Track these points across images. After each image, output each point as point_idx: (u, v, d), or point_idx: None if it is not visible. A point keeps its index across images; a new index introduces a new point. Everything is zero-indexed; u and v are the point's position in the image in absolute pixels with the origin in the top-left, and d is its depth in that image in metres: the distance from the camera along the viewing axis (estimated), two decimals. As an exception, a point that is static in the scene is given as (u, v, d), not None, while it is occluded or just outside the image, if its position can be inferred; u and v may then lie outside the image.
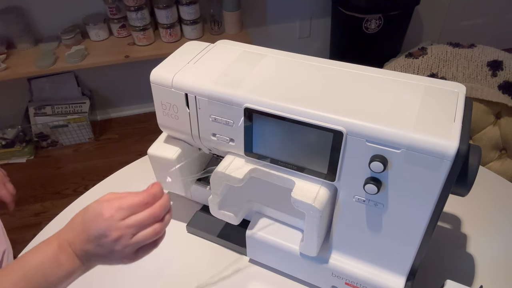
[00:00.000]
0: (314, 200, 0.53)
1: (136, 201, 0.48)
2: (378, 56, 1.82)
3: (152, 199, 0.49)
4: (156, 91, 0.61)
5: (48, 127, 1.95)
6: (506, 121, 1.11)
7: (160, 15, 1.76)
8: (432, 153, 0.45)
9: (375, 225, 0.55)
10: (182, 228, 0.78)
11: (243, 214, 0.67)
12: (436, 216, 0.50)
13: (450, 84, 0.53)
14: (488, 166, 1.16)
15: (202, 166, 0.79)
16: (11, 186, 0.78)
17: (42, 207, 1.73)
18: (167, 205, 0.51)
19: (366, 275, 0.59)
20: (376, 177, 0.50)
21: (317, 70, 0.57)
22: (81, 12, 1.82)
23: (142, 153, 0.79)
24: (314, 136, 0.51)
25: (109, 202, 0.48)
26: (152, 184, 0.51)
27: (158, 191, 0.50)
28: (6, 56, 1.73)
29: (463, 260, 0.71)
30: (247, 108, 0.53)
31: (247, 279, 0.70)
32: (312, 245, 0.59)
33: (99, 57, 1.76)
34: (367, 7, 1.82)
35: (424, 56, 1.28)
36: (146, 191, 0.49)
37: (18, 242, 1.53)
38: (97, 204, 0.48)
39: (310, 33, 2.18)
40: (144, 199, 0.48)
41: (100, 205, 0.48)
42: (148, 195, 0.49)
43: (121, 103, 2.17)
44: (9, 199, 0.76)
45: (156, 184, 0.51)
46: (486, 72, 1.21)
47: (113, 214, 0.46)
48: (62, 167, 1.91)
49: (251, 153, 0.58)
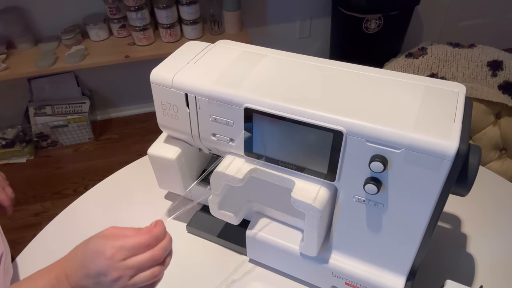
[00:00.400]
0: (314, 200, 0.53)
1: (139, 243, 0.47)
2: (378, 56, 1.82)
3: (155, 241, 0.48)
4: (156, 91, 0.61)
5: (48, 127, 1.95)
6: (506, 121, 1.11)
7: (160, 15, 1.76)
8: (432, 153, 0.45)
9: (375, 225, 0.55)
10: (182, 228, 0.78)
11: (243, 214, 0.67)
12: (436, 216, 0.50)
13: (450, 84, 0.53)
14: (488, 166, 1.16)
15: (202, 166, 0.79)
16: (10, 190, 0.78)
17: (42, 207, 1.73)
18: (169, 248, 0.50)
19: (366, 275, 0.59)
20: (376, 177, 0.50)
21: (317, 70, 0.57)
22: (81, 12, 1.82)
23: (142, 153, 0.79)
24: (314, 136, 0.51)
25: (112, 240, 0.47)
26: (155, 223, 0.50)
27: (161, 232, 0.49)
28: (6, 56, 1.73)
29: (463, 260, 0.71)
30: (247, 108, 0.53)
31: (247, 279, 0.70)
32: (312, 245, 0.59)
33: (99, 57, 1.76)
34: (367, 7, 1.82)
35: (424, 56, 1.28)
36: (149, 232, 0.49)
37: (18, 242, 1.53)
38: (100, 240, 0.48)
39: (310, 33, 2.18)
40: (146, 241, 0.48)
41: (103, 242, 0.47)
42: (151, 237, 0.48)
43: (121, 103, 2.17)
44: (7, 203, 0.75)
45: (160, 223, 0.50)
46: (486, 72, 1.21)
47: (114, 254, 0.46)
48: (62, 167, 1.91)
49: (251, 153, 0.58)
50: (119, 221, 0.80)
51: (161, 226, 0.50)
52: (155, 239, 0.49)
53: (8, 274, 0.68)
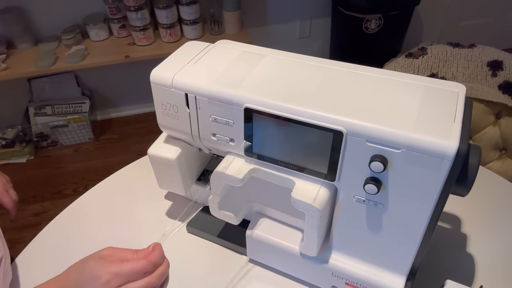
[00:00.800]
0: (314, 200, 0.53)
1: (136, 269, 0.46)
2: (378, 56, 1.82)
3: (152, 267, 0.48)
4: (156, 91, 0.61)
5: (48, 127, 1.95)
6: (506, 121, 1.11)
7: (160, 15, 1.76)
8: (432, 153, 0.45)
9: (375, 225, 0.55)
10: (182, 228, 0.78)
11: (243, 214, 0.67)
12: (436, 216, 0.50)
13: (450, 84, 0.53)
14: (488, 166, 1.16)
15: (202, 166, 0.79)
16: (13, 193, 0.77)
17: (42, 207, 1.73)
18: (165, 274, 0.49)
19: (366, 275, 0.59)
20: (376, 177, 0.50)
21: (317, 70, 0.57)
22: (81, 12, 1.82)
23: (142, 153, 0.79)
24: (314, 136, 0.51)
25: (109, 264, 0.46)
26: (153, 247, 0.49)
27: (159, 258, 0.48)
28: (6, 56, 1.73)
29: (463, 260, 0.71)
30: (247, 108, 0.53)
31: (247, 279, 0.70)
32: (312, 245, 0.59)
33: (99, 57, 1.76)
34: (367, 7, 1.82)
35: (424, 56, 1.28)
36: (147, 258, 0.48)
37: (18, 242, 1.53)
38: (96, 264, 0.47)
39: (310, 33, 2.18)
40: (144, 268, 0.47)
41: (99, 267, 0.46)
42: (149, 264, 0.47)
43: (121, 103, 2.17)
44: (11, 205, 0.75)
45: (158, 247, 0.49)
46: (486, 72, 1.21)
47: (110, 280, 0.45)
48: (62, 167, 1.91)
49: (251, 153, 0.58)
50: (119, 222, 0.80)
51: (159, 251, 0.49)
52: (153, 265, 0.48)
53: (7, 277, 0.68)
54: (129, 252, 0.49)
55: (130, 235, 0.77)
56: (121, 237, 0.77)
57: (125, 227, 0.79)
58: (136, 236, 0.77)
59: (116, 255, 0.48)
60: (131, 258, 0.48)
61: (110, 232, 0.78)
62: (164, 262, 0.49)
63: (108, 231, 0.78)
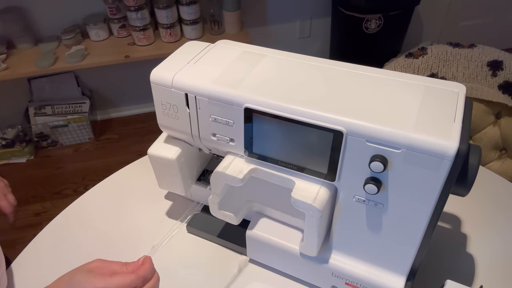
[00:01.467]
0: (314, 200, 0.53)
1: (124, 284, 0.45)
2: (378, 56, 1.83)
3: (141, 282, 0.47)
4: (156, 91, 0.61)
5: (48, 127, 1.95)
6: (506, 121, 1.11)
7: (160, 15, 1.76)
8: (432, 153, 0.45)
9: (375, 225, 0.55)
10: (182, 228, 0.78)
11: (243, 214, 0.67)
12: (436, 216, 0.50)
13: (450, 84, 0.53)
14: (488, 166, 1.16)
15: (202, 166, 0.79)
16: (12, 197, 0.77)
17: (42, 207, 1.73)
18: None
19: (366, 275, 0.59)
20: (376, 177, 0.50)
21: (317, 70, 0.57)
22: (81, 12, 1.82)
23: (142, 153, 0.79)
24: (314, 136, 0.51)
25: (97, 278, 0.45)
26: (143, 260, 0.48)
27: (148, 272, 0.47)
28: (6, 56, 1.73)
29: (463, 260, 0.71)
30: (247, 108, 0.53)
31: (247, 279, 0.70)
32: (312, 245, 0.59)
33: (99, 57, 1.76)
34: (367, 7, 1.82)
35: (424, 56, 1.28)
36: (136, 272, 0.46)
37: (18, 242, 1.53)
38: (84, 277, 0.46)
39: (310, 33, 2.18)
40: (132, 282, 0.46)
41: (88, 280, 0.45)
42: (138, 278, 0.46)
43: (121, 103, 2.17)
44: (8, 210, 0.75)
45: (148, 260, 0.48)
46: (486, 72, 1.21)
47: None
48: (62, 167, 1.91)
49: (251, 153, 0.58)
50: (119, 222, 0.80)
51: (149, 264, 0.48)
52: (142, 280, 0.47)
53: (1, 285, 0.68)
54: (118, 264, 0.48)
55: (130, 235, 0.77)
56: (121, 237, 0.77)
57: (125, 227, 0.79)
58: (136, 236, 0.77)
59: (105, 268, 0.47)
60: (120, 271, 0.47)
61: (110, 232, 0.78)
62: (153, 276, 0.48)
63: (108, 231, 0.78)
